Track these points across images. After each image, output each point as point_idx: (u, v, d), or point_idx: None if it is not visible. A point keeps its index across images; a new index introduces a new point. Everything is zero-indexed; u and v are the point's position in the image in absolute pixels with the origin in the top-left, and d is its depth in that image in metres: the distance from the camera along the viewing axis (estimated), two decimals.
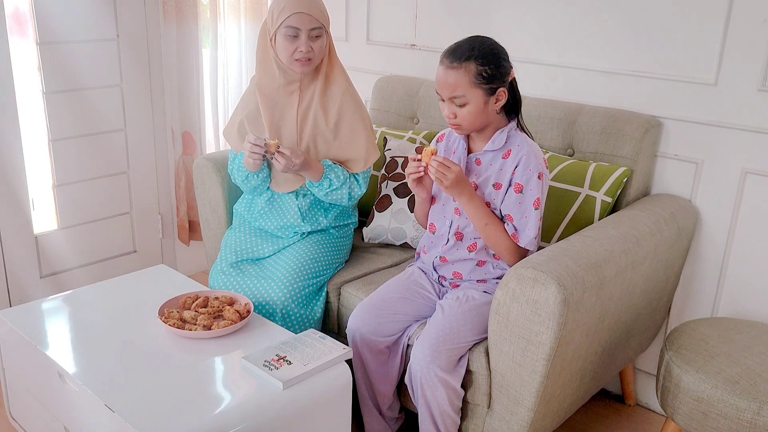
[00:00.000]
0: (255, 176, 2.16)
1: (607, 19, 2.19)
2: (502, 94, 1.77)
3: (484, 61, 1.72)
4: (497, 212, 1.84)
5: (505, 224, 1.81)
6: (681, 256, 2.11)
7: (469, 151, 1.88)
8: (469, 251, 1.89)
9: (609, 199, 2.03)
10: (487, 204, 1.84)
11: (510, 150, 1.81)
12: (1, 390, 2.16)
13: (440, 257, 1.94)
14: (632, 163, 2.09)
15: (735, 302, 2.12)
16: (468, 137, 1.89)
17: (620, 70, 2.20)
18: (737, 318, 2.00)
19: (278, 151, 2.02)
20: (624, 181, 2.05)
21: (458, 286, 1.93)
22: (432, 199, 1.96)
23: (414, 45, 2.74)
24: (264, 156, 2.05)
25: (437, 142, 1.98)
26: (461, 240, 1.90)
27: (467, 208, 1.81)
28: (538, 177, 1.78)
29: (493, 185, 1.83)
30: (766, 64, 1.93)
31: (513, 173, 1.79)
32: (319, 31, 2.05)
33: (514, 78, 1.81)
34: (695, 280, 2.18)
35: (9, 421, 2.03)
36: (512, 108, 1.84)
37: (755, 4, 1.91)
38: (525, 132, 1.87)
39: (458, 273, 1.92)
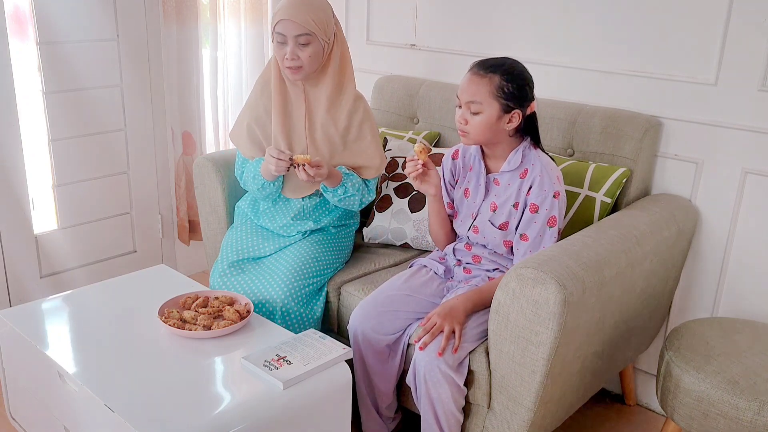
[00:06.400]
0: (271, 184, 2.14)
1: (607, 19, 2.19)
2: (516, 117, 1.80)
3: (509, 77, 1.77)
4: (513, 232, 1.87)
5: (519, 246, 1.85)
6: (681, 256, 2.11)
7: (488, 171, 1.92)
8: (488, 272, 1.95)
9: (608, 200, 2.03)
10: (506, 223, 1.87)
11: (526, 169, 1.84)
12: (1, 390, 2.16)
13: (466, 244, 2.00)
14: (632, 163, 2.09)
15: (735, 302, 2.12)
16: (483, 156, 1.91)
17: (620, 70, 2.20)
18: (737, 318, 2.00)
19: (307, 166, 1.98)
20: (623, 181, 2.05)
21: (470, 272, 1.96)
22: (454, 214, 2.03)
23: (414, 45, 2.74)
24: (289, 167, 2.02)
25: (452, 159, 2.01)
26: (479, 262, 1.97)
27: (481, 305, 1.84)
28: (554, 196, 1.81)
29: (513, 205, 1.86)
30: (766, 64, 1.93)
31: (528, 194, 1.83)
32: (307, 38, 2.01)
33: (535, 112, 1.85)
34: (695, 280, 2.18)
35: (9, 421, 2.03)
36: (527, 132, 1.86)
37: (755, 4, 1.91)
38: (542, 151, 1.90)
39: (477, 257, 1.96)
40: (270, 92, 2.16)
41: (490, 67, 1.79)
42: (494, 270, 1.95)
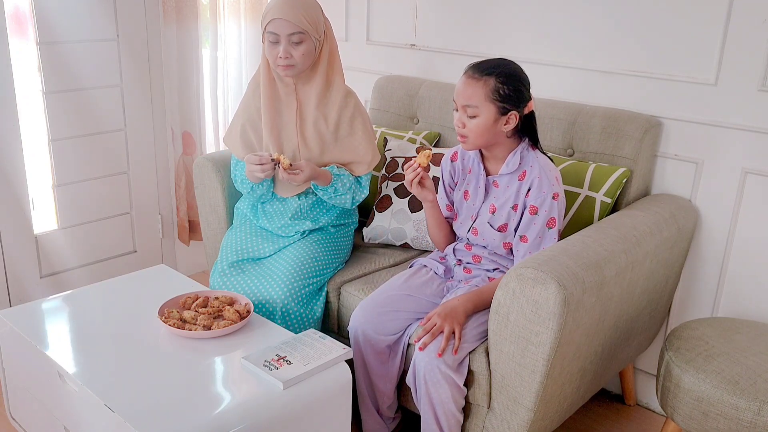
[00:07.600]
0: (260, 186, 2.17)
1: (607, 19, 2.19)
2: (513, 118, 1.79)
3: (505, 80, 1.76)
4: (512, 234, 1.87)
5: (518, 247, 1.85)
6: (681, 256, 2.11)
7: (487, 173, 1.92)
8: (488, 272, 1.95)
9: (608, 200, 2.03)
10: (505, 225, 1.87)
11: (525, 171, 1.84)
12: (1, 390, 2.16)
13: (466, 244, 1.99)
14: (632, 163, 2.09)
15: (735, 302, 2.12)
16: (483, 158, 1.91)
17: (620, 70, 2.20)
18: (737, 318, 2.00)
19: (286, 170, 2.01)
20: (623, 182, 2.05)
21: (471, 272, 1.96)
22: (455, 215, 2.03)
23: (414, 45, 2.74)
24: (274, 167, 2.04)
25: (451, 161, 2.01)
26: (479, 262, 1.96)
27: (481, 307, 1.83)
28: (553, 197, 1.80)
29: (512, 207, 1.86)
30: (766, 64, 1.93)
31: (527, 195, 1.83)
32: (300, 36, 2.03)
33: (533, 111, 1.84)
34: (695, 280, 2.18)
35: (9, 421, 2.03)
36: (525, 132, 1.86)
37: (755, 4, 1.91)
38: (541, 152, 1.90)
39: (478, 257, 1.96)
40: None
41: (484, 69, 1.78)
42: (494, 270, 1.95)
